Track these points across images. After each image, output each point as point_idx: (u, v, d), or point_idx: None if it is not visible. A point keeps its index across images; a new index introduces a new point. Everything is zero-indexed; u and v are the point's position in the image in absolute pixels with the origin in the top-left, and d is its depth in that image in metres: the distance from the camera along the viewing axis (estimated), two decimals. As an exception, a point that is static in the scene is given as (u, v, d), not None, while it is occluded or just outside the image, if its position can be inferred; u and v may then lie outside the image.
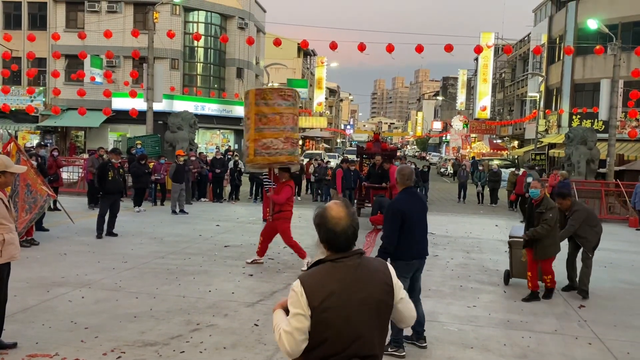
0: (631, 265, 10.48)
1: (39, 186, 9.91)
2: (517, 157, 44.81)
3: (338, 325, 2.39)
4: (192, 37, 30.33)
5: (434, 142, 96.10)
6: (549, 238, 7.43)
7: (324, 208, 2.56)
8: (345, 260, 2.48)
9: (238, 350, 5.32)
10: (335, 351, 2.41)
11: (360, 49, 18.92)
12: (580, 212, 8.00)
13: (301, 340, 2.40)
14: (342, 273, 2.45)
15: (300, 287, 2.42)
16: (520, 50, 49.58)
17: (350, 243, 2.51)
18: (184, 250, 10.11)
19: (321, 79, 63.50)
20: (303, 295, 2.40)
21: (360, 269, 2.49)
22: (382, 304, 2.50)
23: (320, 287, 2.41)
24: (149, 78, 22.12)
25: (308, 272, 2.51)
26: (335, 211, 2.52)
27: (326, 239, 2.51)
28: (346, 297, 2.41)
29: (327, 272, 2.46)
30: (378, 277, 2.52)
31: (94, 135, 35.02)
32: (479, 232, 13.93)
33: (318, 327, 2.39)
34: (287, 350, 2.41)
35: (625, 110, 24.29)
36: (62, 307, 6.38)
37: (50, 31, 32.04)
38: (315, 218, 2.56)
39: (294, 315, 2.41)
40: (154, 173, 16.59)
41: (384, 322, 2.55)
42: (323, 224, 2.51)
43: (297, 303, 2.41)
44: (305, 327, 2.39)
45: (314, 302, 2.38)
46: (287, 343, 2.41)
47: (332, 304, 2.39)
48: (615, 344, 5.98)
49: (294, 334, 2.40)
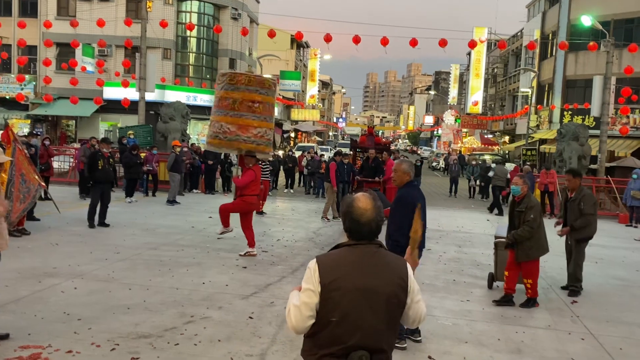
0: (622, 261, 10.57)
1: (31, 175, 9.84)
2: (508, 153, 45.03)
3: (345, 308, 2.41)
4: (185, 27, 30.22)
5: (426, 137, 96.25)
6: (532, 239, 6.89)
7: (352, 198, 2.61)
8: (362, 247, 2.53)
9: (233, 342, 5.30)
10: (340, 337, 2.41)
11: (354, 42, 18.85)
12: (590, 196, 7.83)
13: (307, 316, 2.44)
14: (357, 257, 2.50)
15: (314, 264, 2.49)
16: (513, 46, 49.66)
17: (373, 235, 2.55)
18: (176, 241, 10.06)
19: (314, 71, 63.32)
20: (316, 272, 2.45)
21: (376, 257, 2.52)
22: (394, 298, 2.49)
23: (333, 265, 2.47)
24: (141, 68, 21.94)
25: (325, 253, 2.58)
26: (363, 202, 2.57)
27: (350, 228, 2.56)
28: (357, 280, 2.44)
29: (342, 254, 2.52)
30: (393, 270, 2.54)
31: (85, 124, 34.69)
32: (471, 227, 13.99)
33: (326, 305, 2.42)
34: (293, 323, 2.46)
35: (617, 107, 24.39)
36: (55, 298, 6.33)
37: (42, 19, 31.70)
38: (342, 206, 2.63)
39: (304, 290, 2.47)
40: (146, 164, 16.48)
41: (393, 317, 2.52)
42: (349, 213, 2.56)
43: (309, 279, 2.47)
44: (313, 303, 2.43)
45: (325, 279, 2.43)
46: (294, 316, 2.46)
47: (342, 284, 2.42)
48: (608, 339, 6.02)
49: (301, 308, 2.44)
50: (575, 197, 7.78)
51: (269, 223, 13.03)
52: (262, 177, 14.38)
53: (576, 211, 7.71)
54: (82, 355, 4.82)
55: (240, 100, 8.82)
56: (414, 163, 21.54)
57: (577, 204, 7.71)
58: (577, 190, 7.83)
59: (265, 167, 14.67)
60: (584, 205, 7.64)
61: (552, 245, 7.48)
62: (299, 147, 39.02)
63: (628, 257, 11.06)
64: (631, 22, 30.50)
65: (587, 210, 7.64)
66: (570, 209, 7.82)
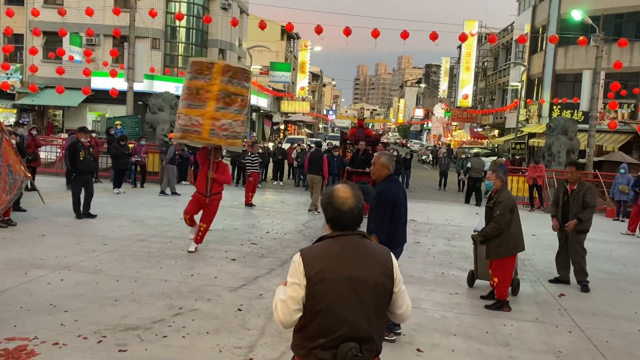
0: (609, 255, 10.65)
1: (17, 166, 9.72)
2: (497, 146, 45.20)
3: (331, 299, 2.40)
4: (174, 16, 29.95)
5: (416, 130, 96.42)
6: (501, 237, 6.59)
7: (332, 189, 2.61)
8: (345, 238, 2.52)
9: (221, 335, 5.28)
10: (328, 329, 2.40)
11: (345, 33, 18.77)
12: (593, 189, 7.82)
13: (294, 309, 2.43)
14: (341, 248, 2.49)
15: (299, 257, 2.48)
16: (503, 40, 49.78)
17: (355, 223, 2.55)
18: (165, 233, 10.00)
19: (304, 63, 63.05)
20: (300, 265, 2.44)
21: (360, 247, 2.51)
22: (381, 287, 2.49)
23: (317, 258, 2.46)
24: (130, 57, 21.71)
25: (309, 246, 2.57)
26: (343, 191, 2.57)
27: (332, 219, 2.56)
28: (342, 271, 2.43)
29: (326, 246, 2.51)
30: (378, 258, 2.53)
31: (72, 114, 34.35)
32: (460, 220, 14.03)
33: (312, 298, 2.41)
34: (280, 318, 2.45)
35: (606, 101, 24.54)
36: (41, 290, 6.26)
37: (28, 6, 31.24)
38: (323, 197, 2.62)
39: (290, 284, 2.46)
40: (134, 154, 16.35)
41: (381, 306, 2.52)
42: (330, 204, 2.56)
43: (294, 273, 2.46)
44: (299, 297, 2.42)
45: (310, 272, 2.42)
46: (281, 311, 2.45)
47: (328, 275, 2.41)
48: (595, 332, 6.07)
49: (287, 302, 2.43)
50: (579, 190, 7.77)
51: (258, 215, 12.99)
52: (251, 169, 14.42)
53: (580, 203, 7.72)
54: (68, 347, 4.77)
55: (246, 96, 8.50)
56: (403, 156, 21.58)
57: (581, 196, 7.71)
58: (579, 183, 7.83)
59: (255, 159, 14.62)
60: (590, 198, 7.67)
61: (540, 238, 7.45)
62: (289, 139, 38.92)
63: (615, 251, 11.15)
64: (621, 17, 30.67)
65: (593, 202, 7.70)
66: (574, 202, 7.79)
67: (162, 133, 19.46)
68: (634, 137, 28.59)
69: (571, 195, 7.87)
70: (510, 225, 6.59)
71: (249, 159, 14.54)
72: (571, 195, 7.86)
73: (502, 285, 6.62)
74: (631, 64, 29.07)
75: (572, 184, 7.91)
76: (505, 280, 6.62)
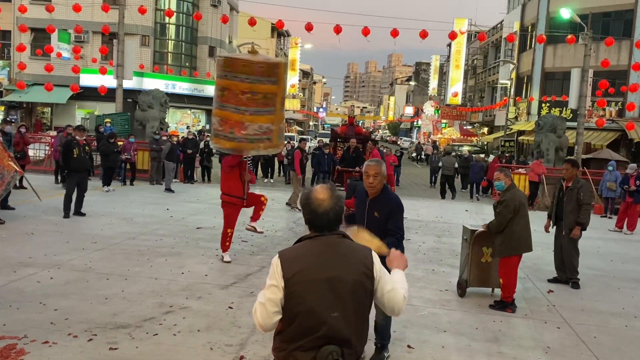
0: (597, 252, 10.75)
1: (5, 162, 9.66)
2: (486, 144, 45.46)
3: (309, 300, 2.38)
4: (164, 13, 29.76)
5: (406, 127, 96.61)
6: (504, 235, 6.55)
7: (310, 190, 2.60)
8: (323, 238, 2.51)
9: (212, 332, 5.28)
10: (308, 330, 2.39)
11: (335, 31, 18.77)
12: (587, 186, 7.82)
13: (273, 312, 2.42)
14: (318, 249, 2.47)
15: (277, 259, 2.47)
16: (493, 38, 50.00)
17: (332, 225, 2.53)
18: (155, 231, 9.96)
19: (295, 60, 63.01)
20: (278, 267, 2.43)
21: (339, 247, 2.50)
22: (359, 286, 2.45)
23: (295, 259, 2.45)
24: (119, 54, 21.58)
25: (287, 247, 2.56)
26: (320, 193, 2.55)
27: (309, 220, 2.55)
28: (319, 272, 2.41)
29: (304, 247, 2.50)
30: (357, 259, 2.50)
31: (60, 111, 34.11)
32: (450, 217, 14.10)
33: (290, 300, 2.40)
34: (259, 321, 2.44)
35: (594, 99, 24.74)
36: (31, 288, 6.22)
37: (16, 3, 30.93)
38: (301, 199, 2.62)
39: (268, 287, 2.45)
40: (124, 152, 16.26)
41: (361, 306, 2.48)
42: (307, 205, 2.56)
43: (272, 275, 2.45)
44: (277, 299, 2.41)
45: (287, 273, 2.41)
46: (260, 314, 2.44)
47: (305, 277, 2.40)
48: (583, 328, 6.14)
49: (266, 304, 2.42)
50: (573, 187, 7.79)
51: (249, 213, 12.93)
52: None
53: (573, 201, 7.75)
54: (58, 346, 4.75)
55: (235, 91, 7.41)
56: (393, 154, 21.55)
57: (575, 193, 7.73)
58: (574, 180, 7.86)
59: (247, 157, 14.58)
60: (583, 195, 7.68)
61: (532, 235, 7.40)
62: (279, 136, 38.79)
63: (602, 248, 11.26)
64: (608, 16, 30.90)
65: (586, 200, 7.71)
66: (568, 199, 7.81)
67: (152, 130, 19.37)
68: (622, 135, 28.84)
69: (566, 192, 7.91)
70: (513, 225, 6.51)
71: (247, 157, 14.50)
72: (566, 193, 7.91)
73: (506, 286, 6.59)
74: (619, 62, 29.30)
75: (568, 181, 7.95)
76: (509, 281, 6.58)
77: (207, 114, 39.37)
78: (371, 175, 4.60)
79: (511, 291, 6.61)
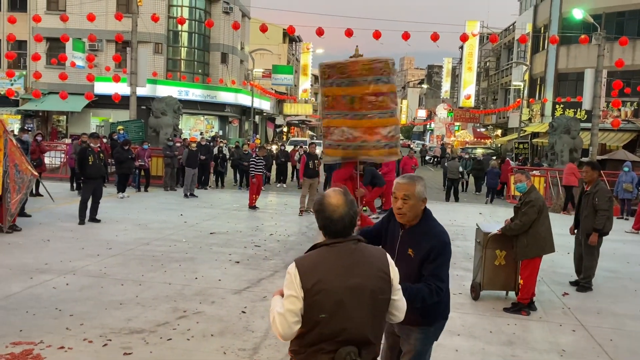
0: (612, 254, 10.62)
1: (24, 166, 9.89)
2: (500, 146, 45.16)
3: (330, 309, 2.39)
4: (177, 21, 30.05)
5: (418, 130, 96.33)
6: (528, 237, 6.48)
7: (323, 195, 2.58)
8: (340, 245, 2.49)
9: (226, 337, 5.30)
10: (328, 336, 2.41)
11: (347, 35, 18.80)
12: (605, 191, 7.58)
13: (293, 322, 2.41)
14: (336, 257, 2.46)
15: (294, 269, 2.44)
16: (505, 39, 49.75)
17: (347, 230, 2.52)
18: (169, 236, 10.03)
19: (307, 65, 63.10)
20: (297, 277, 2.41)
21: (356, 254, 2.50)
22: (377, 292, 2.48)
23: (313, 269, 2.42)
24: (133, 62, 21.81)
25: (303, 255, 2.53)
26: (334, 198, 2.54)
27: (323, 226, 2.53)
28: (339, 281, 2.41)
29: (321, 255, 2.48)
30: (374, 264, 2.52)
31: (76, 119, 34.51)
32: (463, 220, 14.03)
33: (311, 309, 2.39)
34: (280, 332, 2.42)
35: (609, 100, 24.52)
36: (47, 294, 6.30)
37: (31, 13, 31.39)
38: (314, 205, 2.59)
39: (287, 297, 2.43)
40: (138, 159, 16.42)
41: (379, 311, 2.52)
42: (321, 211, 2.53)
43: (290, 285, 2.43)
44: (297, 309, 2.40)
45: (307, 284, 2.39)
46: (280, 325, 2.42)
47: (325, 286, 2.39)
48: (599, 331, 6.07)
49: (286, 315, 2.40)
50: (590, 191, 7.62)
51: (262, 218, 13.02)
52: (255, 171, 14.45)
53: (590, 206, 7.56)
54: (74, 351, 4.80)
55: (359, 96, 6.84)
56: None
57: (591, 198, 7.56)
58: (594, 184, 7.67)
59: (259, 161, 14.64)
60: (599, 201, 7.46)
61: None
62: (292, 141, 38.95)
63: (619, 250, 11.13)
64: (622, 15, 30.63)
65: (602, 206, 7.46)
66: (584, 204, 7.67)
67: (166, 137, 19.52)
68: (638, 135, 28.54)
69: (584, 196, 7.77)
70: (538, 226, 6.46)
71: (253, 162, 14.57)
72: (584, 196, 7.77)
73: (526, 288, 6.52)
74: (633, 62, 29.03)
75: (588, 185, 7.77)
76: (529, 283, 6.52)
77: (220, 120, 39.63)
78: (399, 198, 3.28)
79: (529, 293, 6.56)
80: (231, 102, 39.03)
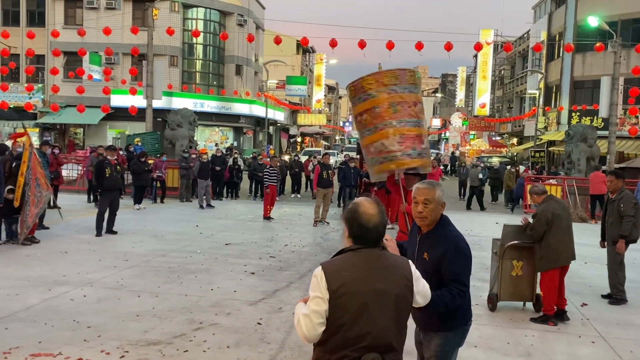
0: (632, 263, 10.44)
1: (42, 180, 10.05)
2: (516, 155, 44.84)
3: (354, 312, 2.42)
4: (191, 33, 30.38)
5: (433, 139, 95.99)
6: (541, 249, 6.51)
7: (355, 204, 2.61)
8: (366, 251, 2.54)
9: (242, 349, 5.31)
10: (351, 341, 2.43)
11: (360, 46, 18.86)
12: (630, 197, 7.47)
13: (318, 323, 2.43)
14: (362, 261, 2.51)
15: (320, 271, 2.48)
16: (520, 47, 49.53)
17: (380, 239, 2.58)
18: (185, 248, 10.09)
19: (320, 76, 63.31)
20: (323, 279, 2.45)
21: (381, 260, 2.54)
22: (401, 298, 2.53)
23: (339, 272, 2.47)
24: (148, 75, 22.06)
25: (330, 259, 2.58)
26: (368, 207, 2.58)
27: (358, 235, 2.56)
28: (364, 284, 2.45)
29: (347, 260, 2.53)
30: (398, 271, 2.57)
31: (92, 132, 34.94)
32: (480, 230, 13.93)
33: (335, 311, 2.42)
34: (304, 333, 2.45)
35: (625, 107, 24.25)
36: (64, 306, 6.36)
37: (49, 28, 31.96)
38: (347, 213, 2.61)
39: (312, 298, 2.46)
40: (155, 170, 16.56)
41: (402, 317, 2.56)
42: (355, 220, 2.56)
43: (316, 287, 2.46)
44: (322, 311, 2.43)
45: (332, 286, 2.43)
46: (305, 326, 2.44)
47: (350, 289, 2.43)
48: (619, 342, 5.97)
49: (311, 316, 2.43)
50: (616, 198, 7.56)
51: (276, 228, 13.03)
52: (269, 182, 14.50)
53: (616, 212, 7.50)
54: (91, 362, 4.84)
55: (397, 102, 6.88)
56: None
57: (616, 204, 7.50)
58: (619, 191, 7.61)
59: (273, 172, 14.69)
60: (624, 207, 7.39)
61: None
62: (306, 151, 39.03)
63: (639, 259, 10.96)
64: (638, 22, 30.34)
65: (627, 212, 7.38)
66: (611, 210, 7.61)
67: (181, 149, 19.67)
68: (656, 143, 28.16)
69: (609, 203, 7.72)
70: (549, 238, 6.44)
71: (267, 172, 14.62)
72: (609, 204, 7.72)
73: (545, 299, 6.53)
74: (650, 69, 28.68)
75: (612, 193, 7.71)
76: (549, 295, 6.49)
77: (234, 131, 39.87)
78: (420, 203, 3.40)
79: (550, 304, 6.53)
80: (245, 114, 39.31)
